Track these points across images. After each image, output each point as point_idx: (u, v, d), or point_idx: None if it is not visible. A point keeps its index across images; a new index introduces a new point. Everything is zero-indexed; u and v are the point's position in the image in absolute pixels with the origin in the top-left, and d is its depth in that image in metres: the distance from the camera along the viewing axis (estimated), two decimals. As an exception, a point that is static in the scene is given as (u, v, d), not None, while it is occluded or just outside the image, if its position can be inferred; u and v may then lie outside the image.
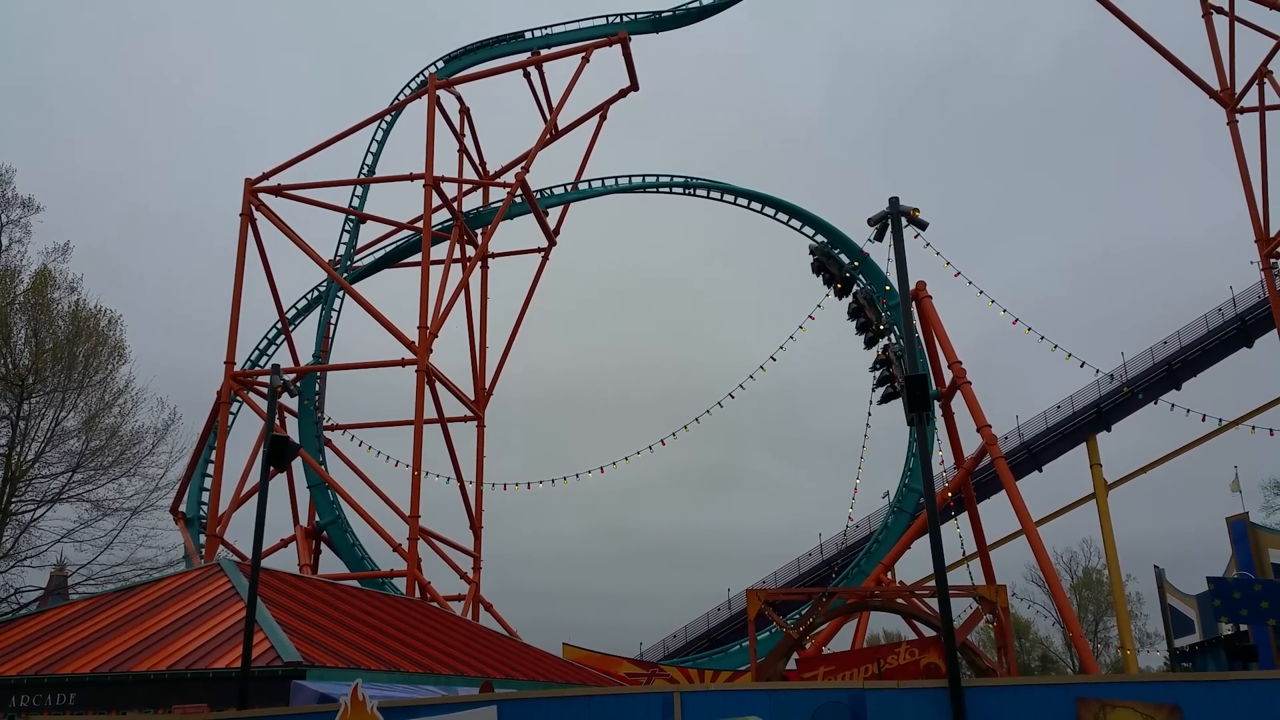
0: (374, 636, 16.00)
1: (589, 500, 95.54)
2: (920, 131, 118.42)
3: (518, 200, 34.80)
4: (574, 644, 27.90)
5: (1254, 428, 32.70)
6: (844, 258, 34.49)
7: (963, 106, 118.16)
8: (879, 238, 13.20)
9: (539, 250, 37.86)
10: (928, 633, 20.15)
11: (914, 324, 26.98)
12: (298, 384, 33.54)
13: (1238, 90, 35.87)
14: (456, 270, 32.79)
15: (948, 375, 26.79)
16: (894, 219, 12.88)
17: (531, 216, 36.06)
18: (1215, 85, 36.40)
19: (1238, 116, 36.23)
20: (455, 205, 33.63)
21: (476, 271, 37.02)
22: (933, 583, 24.05)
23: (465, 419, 34.19)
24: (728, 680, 25.91)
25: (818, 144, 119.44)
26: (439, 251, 33.32)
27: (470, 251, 34.90)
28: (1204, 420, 30.03)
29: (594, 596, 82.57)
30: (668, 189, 37.38)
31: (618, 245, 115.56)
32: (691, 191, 37.26)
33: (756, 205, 36.71)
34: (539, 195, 36.31)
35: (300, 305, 37.53)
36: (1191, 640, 25.92)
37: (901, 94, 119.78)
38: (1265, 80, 34.18)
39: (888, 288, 32.28)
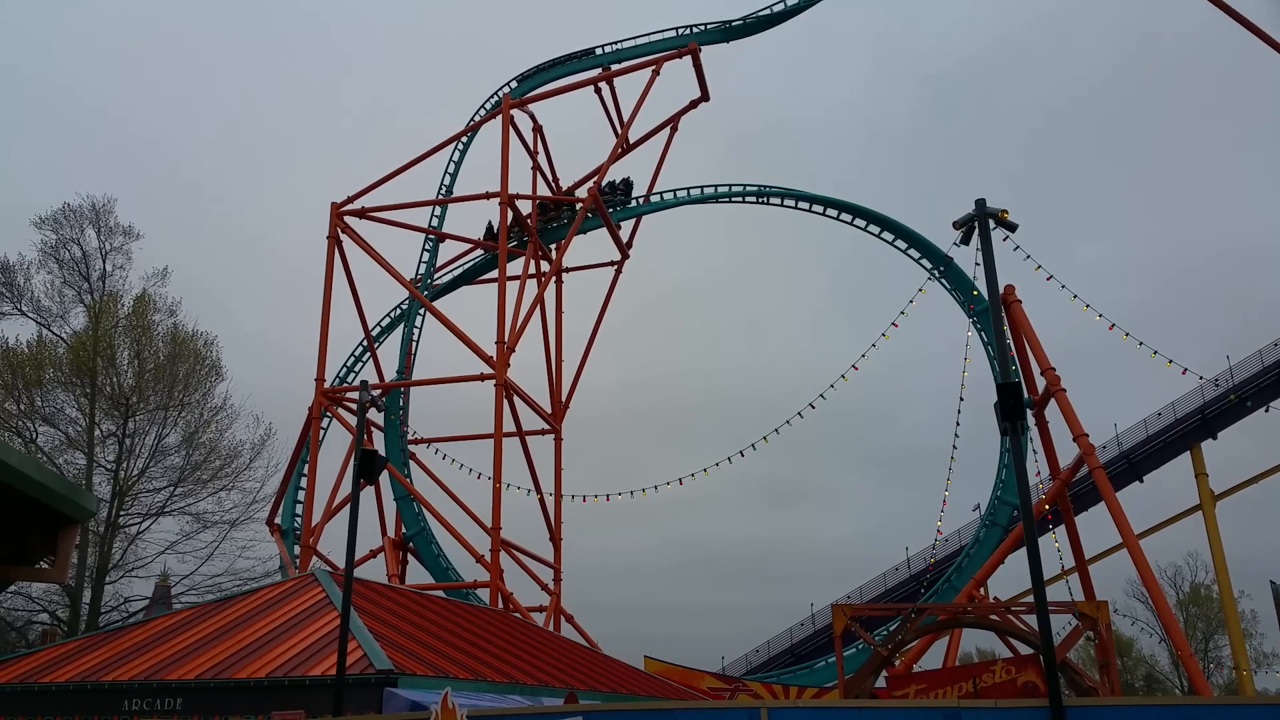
0: (461, 646, 16.18)
1: (658, 513, 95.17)
2: (969, 131, 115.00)
3: (591, 215, 35.07)
4: (655, 657, 27.81)
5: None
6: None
7: (1014, 102, 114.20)
8: (965, 241, 12.82)
9: (612, 264, 38.07)
10: (1024, 650, 19.46)
11: (1004, 330, 26.27)
12: (383, 399, 34.29)
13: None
14: (532, 286, 33.20)
15: (1039, 382, 25.94)
16: (981, 221, 12.49)
17: (605, 231, 36.30)
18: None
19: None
20: (530, 222, 34.06)
21: (551, 286, 37.41)
22: (1028, 599, 23.26)
23: (543, 432, 34.52)
24: (814, 697, 25.45)
25: (859, 146, 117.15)
26: (515, 268, 33.81)
27: (545, 267, 35.30)
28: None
29: (670, 610, 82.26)
30: (740, 198, 37.18)
31: (670, 256, 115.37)
32: (765, 200, 36.98)
33: (832, 212, 36.20)
34: (611, 210, 36.54)
35: (384, 323, 38.43)
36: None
37: (945, 92, 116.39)
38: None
39: (975, 293, 31.48)
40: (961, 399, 27.33)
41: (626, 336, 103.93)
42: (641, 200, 37.47)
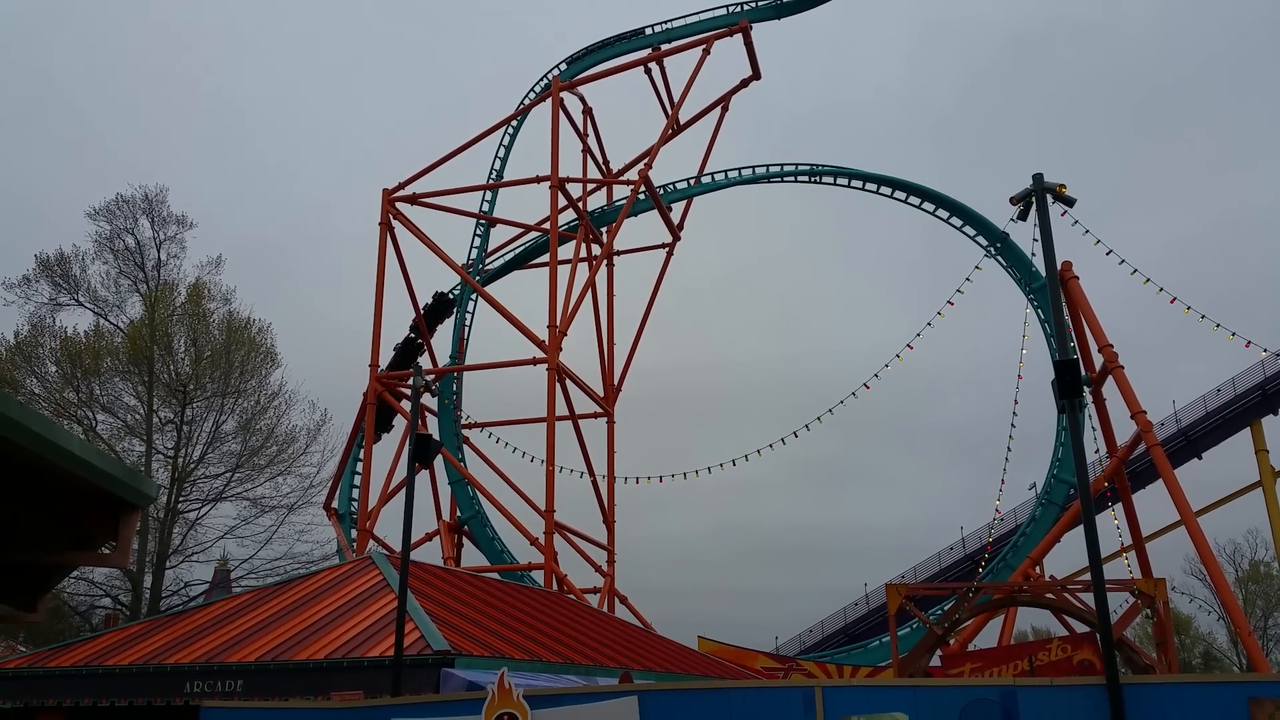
0: (516, 627, 16.42)
1: (709, 497, 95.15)
2: (1016, 107, 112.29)
3: (641, 197, 35.01)
4: (709, 637, 27.95)
5: None
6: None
7: (1060, 76, 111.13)
8: (1023, 216, 12.62)
9: (663, 246, 38.00)
10: (1080, 629, 19.23)
11: (1061, 307, 25.82)
12: (437, 384, 34.68)
13: None
14: (583, 269, 33.30)
15: (1097, 360, 25.50)
16: (1039, 196, 12.28)
17: (655, 212, 36.25)
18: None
19: None
20: (580, 205, 34.14)
21: (602, 270, 37.46)
22: (1084, 577, 22.93)
23: (595, 415, 34.70)
24: (868, 676, 25.41)
25: (906, 124, 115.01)
26: (566, 251, 33.89)
27: (596, 250, 35.36)
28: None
29: (722, 592, 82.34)
30: (792, 178, 36.88)
31: (720, 239, 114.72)
32: (817, 179, 36.64)
33: (886, 190, 35.77)
34: (662, 191, 36.43)
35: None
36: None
37: (989, 63, 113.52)
38: None
39: (1033, 270, 30.93)
40: (1020, 376, 26.82)
41: (677, 320, 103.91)
42: (693, 181, 37.34)
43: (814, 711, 10.09)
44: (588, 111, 37.31)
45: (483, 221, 36.32)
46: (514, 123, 37.12)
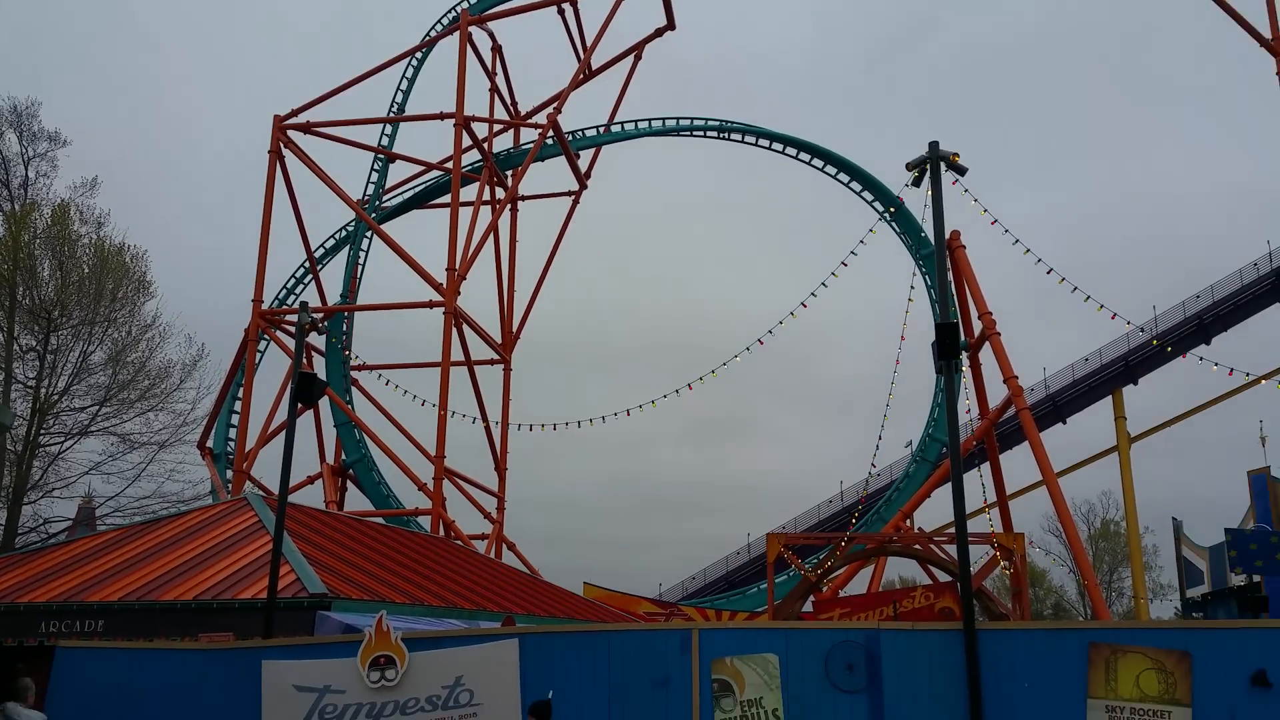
0: (399, 571, 16.29)
1: (601, 447, 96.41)
2: (914, 73, 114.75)
3: (549, 142, 34.47)
4: (595, 583, 28.36)
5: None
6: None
7: (958, 44, 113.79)
8: (917, 183, 12.94)
9: (569, 194, 37.62)
10: (943, 578, 20.28)
11: (947, 273, 26.64)
12: (325, 323, 33.73)
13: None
14: (486, 212, 32.73)
15: (977, 326, 26.54)
16: (933, 164, 12.59)
17: (563, 159, 35.79)
18: (1266, 33, 35.15)
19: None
20: (486, 146, 33.42)
21: (506, 214, 36.89)
22: (951, 530, 24.12)
23: (491, 362, 34.40)
24: (745, 620, 26.27)
25: (807, 83, 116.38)
26: (469, 193, 33.21)
27: (500, 194, 34.76)
28: (1231, 375, 29.64)
29: (610, 541, 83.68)
30: (702, 133, 36.89)
31: (625, 190, 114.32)
32: (725, 136, 36.74)
33: (791, 151, 36.18)
34: (571, 137, 35.97)
35: (328, 244, 37.65)
36: (1201, 590, 26.02)
37: (894, 26, 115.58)
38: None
39: (923, 234, 31.89)
40: (903, 338, 27.73)
41: (580, 269, 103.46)
42: (603, 130, 36.93)
43: (690, 652, 10.41)
44: (497, 50, 36.37)
45: (381, 156, 35.17)
46: (418, 55, 35.90)
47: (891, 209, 33.66)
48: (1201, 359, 28.69)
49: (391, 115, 35.04)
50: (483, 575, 19.45)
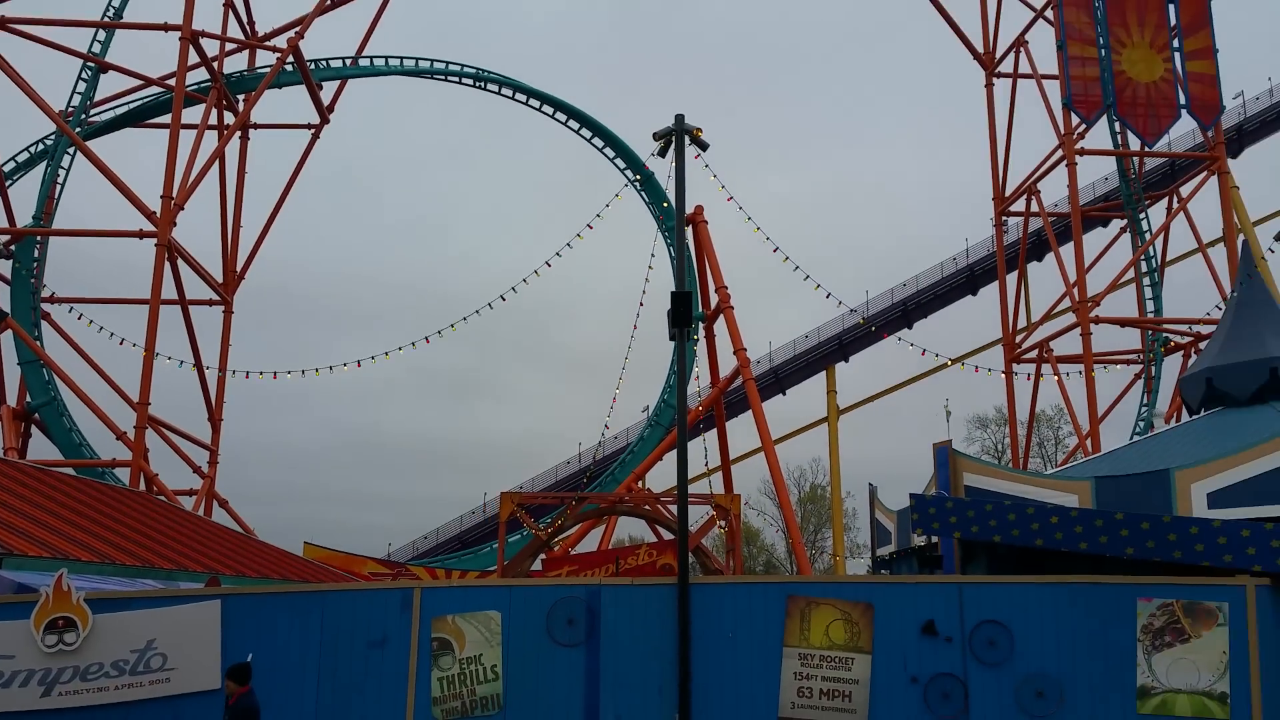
0: (86, 527, 14.76)
1: (328, 399, 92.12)
2: (665, 36, 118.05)
3: (289, 69, 32.14)
4: (316, 543, 27.15)
5: (967, 365, 36.60)
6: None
7: (711, 23, 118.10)
8: (663, 153, 13.25)
9: (309, 126, 35.30)
10: (669, 537, 21.26)
11: (686, 245, 27.62)
12: (12, 247, 29.93)
13: (998, 55, 38.95)
14: (212, 138, 30.06)
15: (714, 299, 27.86)
16: (678, 137, 12.94)
17: (304, 89, 33.47)
18: (980, 47, 39.29)
19: (994, 80, 39.48)
20: (216, 66, 30.56)
21: (235, 142, 34.06)
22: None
23: (210, 302, 31.83)
24: (476, 579, 26.24)
25: (561, 37, 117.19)
26: (192, 115, 30.37)
27: (229, 119, 31.99)
28: (924, 355, 33.22)
29: (337, 498, 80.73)
30: (457, 78, 35.80)
31: (365, 126, 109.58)
32: (482, 85, 35.88)
33: (548, 109, 35.97)
34: (313, 66, 33.68)
35: (20, 159, 33.16)
36: (889, 550, 29.01)
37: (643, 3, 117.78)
38: (1023, 49, 37.22)
39: (665, 204, 32.86)
40: (641, 304, 28.66)
41: (318, 210, 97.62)
42: (349, 62, 34.85)
43: (410, 612, 10.21)
44: (234, -40, 33.30)
45: (91, 65, 31.21)
46: (139, -45, 32.13)
47: (639, 178, 34.46)
48: (900, 339, 32.03)
49: (106, 20, 31.19)
50: (187, 533, 18.05)
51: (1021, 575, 11.23)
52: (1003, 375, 38.14)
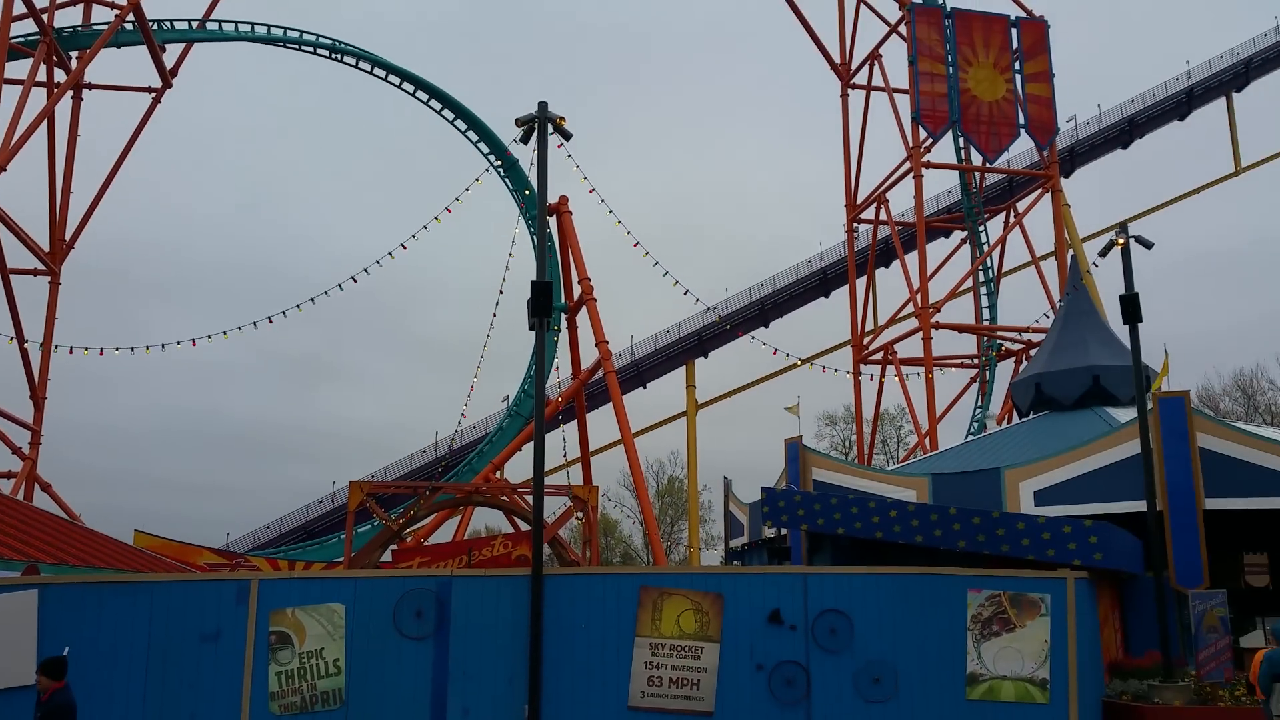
0: (-119, 512, 13.41)
1: (165, 378, 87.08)
2: (532, 28, 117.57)
3: (129, 27, 30.05)
4: (148, 531, 25.60)
5: (817, 365, 37.98)
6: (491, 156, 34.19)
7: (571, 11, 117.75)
8: (525, 140, 13.12)
9: (150, 90, 33.14)
10: (525, 528, 21.08)
11: (549, 235, 27.45)
12: None
13: (853, 66, 40.46)
14: (40, 96, 27.79)
15: (577, 290, 27.78)
16: (540, 125, 12.83)
17: (145, 49, 31.36)
18: (837, 58, 40.71)
19: (850, 91, 41.01)
20: (46, 19, 28.25)
21: (67, 102, 31.65)
22: (535, 483, 25.22)
23: (34, 272, 29.51)
24: (319, 570, 25.34)
25: (411, 12, 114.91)
26: (17, 70, 28.00)
27: (61, 77, 29.67)
28: (775, 354, 34.27)
29: (172, 484, 76.48)
30: (312, 49, 34.32)
31: (213, 94, 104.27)
32: (338, 57, 34.53)
33: (409, 87, 34.96)
34: (156, 26, 31.61)
35: None
36: (742, 541, 29.87)
37: None
38: (877, 62, 38.79)
39: (528, 192, 32.58)
40: (501, 292, 28.36)
41: (157, 179, 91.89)
42: (196, 25, 32.87)
43: (247, 604, 9.76)
44: (68, -93, 30.88)
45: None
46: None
47: (501, 163, 34.04)
48: (754, 339, 32.95)
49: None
50: (2, 518, 16.65)
51: (862, 566, 11.71)
52: (850, 375, 39.77)
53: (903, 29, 36.44)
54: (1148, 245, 15.25)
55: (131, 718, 9.23)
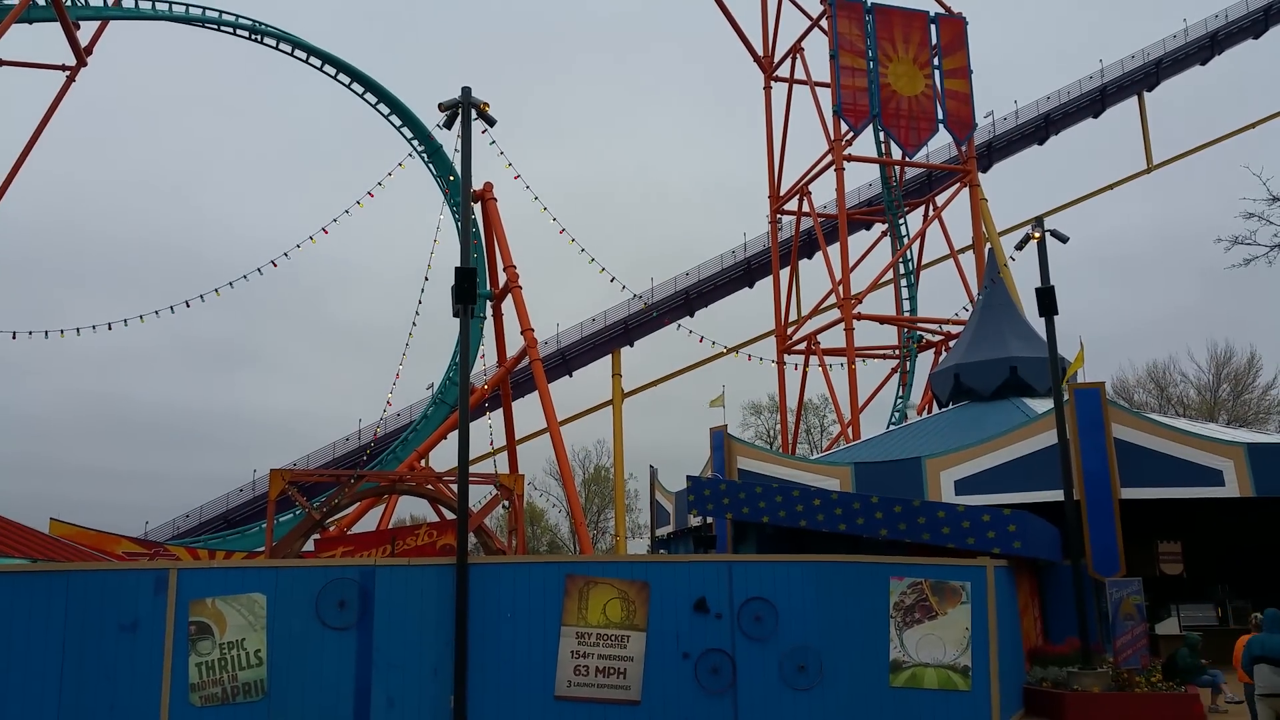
0: None
1: (76, 364, 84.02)
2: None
3: (41, 3, 28.75)
4: (64, 520, 24.66)
5: (742, 354, 38.43)
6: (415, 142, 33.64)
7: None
8: (448, 125, 12.96)
9: (64, 68, 31.77)
10: (450, 517, 20.92)
11: (475, 222, 27.24)
12: None
13: (776, 59, 40.90)
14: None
15: (502, 278, 27.59)
16: (464, 110, 12.68)
17: (58, 26, 30.04)
18: (760, 50, 41.09)
19: (773, 84, 41.45)
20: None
21: (-33, 74, 30.14)
22: (461, 471, 25.01)
23: (-67, 251, 28.09)
24: (241, 560, 24.76)
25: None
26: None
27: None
28: (701, 342, 34.58)
29: (88, 471, 73.87)
30: (230, 29, 33.27)
31: (129, 72, 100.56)
32: (258, 38, 33.52)
33: (331, 69, 34.14)
34: (70, 2, 30.30)
35: None
36: (668, 530, 30.11)
37: None
38: (799, 56, 39.29)
39: (452, 178, 32.19)
40: (427, 279, 28.02)
41: (71, 158, 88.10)
42: (111, 2, 31.54)
43: (165, 594, 9.54)
44: None
45: None
46: None
47: (424, 148, 33.55)
48: (680, 326, 33.18)
49: None
50: (-102, 511, 15.88)
51: (786, 554, 11.92)
52: (774, 365, 40.30)
53: (824, 23, 36.94)
54: (1063, 239, 15.70)
55: (48, 710, 8.95)
